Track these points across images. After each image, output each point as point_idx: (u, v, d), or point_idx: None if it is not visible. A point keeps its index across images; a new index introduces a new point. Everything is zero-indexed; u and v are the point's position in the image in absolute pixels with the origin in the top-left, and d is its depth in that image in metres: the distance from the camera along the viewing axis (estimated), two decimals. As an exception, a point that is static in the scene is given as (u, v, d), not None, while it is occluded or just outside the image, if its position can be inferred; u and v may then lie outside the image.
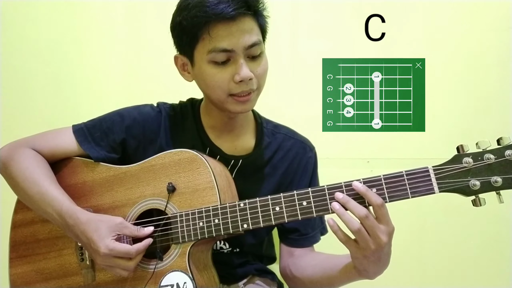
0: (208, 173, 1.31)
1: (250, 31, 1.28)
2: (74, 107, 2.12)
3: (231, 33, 1.26)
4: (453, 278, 2.09)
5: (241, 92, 1.32)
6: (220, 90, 1.32)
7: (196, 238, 1.28)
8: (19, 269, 1.44)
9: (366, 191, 1.13)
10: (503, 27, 2.06)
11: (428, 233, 2.09)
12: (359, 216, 1.12)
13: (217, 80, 1.31)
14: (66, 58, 2.14)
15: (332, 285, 1.40)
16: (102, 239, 1.26)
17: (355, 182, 1.16)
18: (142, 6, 2.11)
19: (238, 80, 1.29)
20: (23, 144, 1.45)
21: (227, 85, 1.31)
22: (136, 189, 1.37)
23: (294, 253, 1.54)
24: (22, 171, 1.39)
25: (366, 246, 1.13)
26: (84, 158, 1.46)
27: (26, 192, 1.38)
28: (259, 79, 1.34)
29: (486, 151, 1.11)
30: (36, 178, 1.38)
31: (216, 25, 1.25)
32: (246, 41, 1.27)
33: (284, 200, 1.22)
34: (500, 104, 2.06)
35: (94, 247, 1.26)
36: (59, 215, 1.32)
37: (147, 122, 1.47)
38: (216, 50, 1.27)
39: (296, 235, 1.52)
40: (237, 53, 1.28)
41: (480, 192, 1.11)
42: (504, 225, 2.04)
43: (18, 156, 1.41)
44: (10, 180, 1.42)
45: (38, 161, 1.42)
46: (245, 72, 1.28)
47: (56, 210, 1.33)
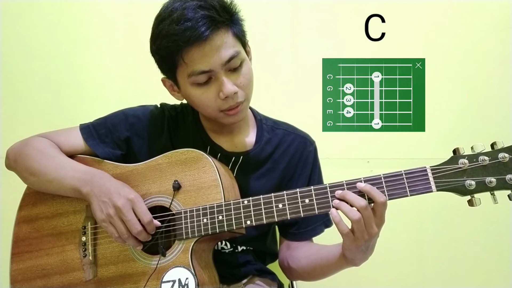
0: (214, 171, 1.32)
1: (224, 46, 1.27)
2: (74, 107, 2.13)
3: (205, 54, 1.26)
4: (453, 278, 2.09)
5: (229, 107, 1.33)
6: (209, 108, 1.35)
7: (200, 234, 1.29)
8: (20, 264, 1.44)
9: (370, 189, 1.17)
10: (503, 27, 2.07)
11: (428, 234, 2.10)
12: (359, 206, 1.15)
13: (203, 100, 1.33)
14: (66, 58, 2.14)
15: (324, 274, 1.45)
16: (128, 188, 1.30)
17: (359, 183, 1.19)
18: (142, 6, 2.11)
19: (223, 97, 1.30)
20: (33, 136, 1.49)
21: (214, 103, 1.33)
22: (142, 186, 1.38)
23: (291, 245, 1.56)
24: (40, 150, 1.41)
25: (360, 237, 1.17)
26: (91, 156, 1.47)
27: (45, 167, 1.38)
28: (245, 90, 1.34)
29: (481, 153, 1.15)
30: (55, 154, 1.41)
31: (189, 50, 1.25)
32: (222, 57, 1.27)
33: (287, 197, 1.25)
34: (500, 103, 2.07)
35: (118, 191, 1.28)
36: (84, 173, 1.35)
37: (151, 121, 1.50)
38: (194, 73, 1.28)
39: (295, 229, 1.54)
40: (216, 71, 1.28)
41: (475, 192, 1.15)
42: (504, 225, 2.05)
43: (33, 141, 1.45)
44: (26, 161, 1.42)
45: (53, 145, 1.45)
46: (228, 88, 1.29)
47: (81, 170, 1.36)
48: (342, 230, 1.18)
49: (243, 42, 1.37)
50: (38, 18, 2.15)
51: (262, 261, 1.60)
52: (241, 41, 1.35)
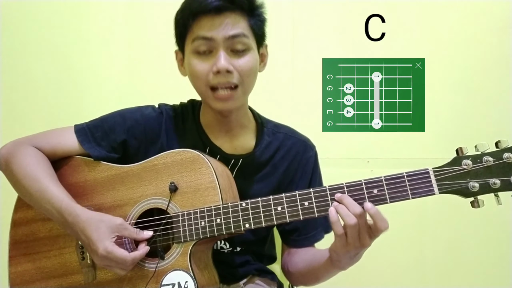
0: (210, 173, 1.31)
1: (233, 24, 1.31)
2: (75, 106, 2.13)
3: (213, 24, 1.30)
4: (453, 278, 2.09)
5: (218, 84, 1.33)
6: (200, 81, 1.35)
7: (198, 238, 1.28)
8: (19, 267, 1.43)
9: (374, 214, 1.15)
10: (503, 27, 2.07)
11: (428, 234, 2.10)
12: (354, 213, 1.15)
13: (197, 69, 1.34)
14: (66, 58, 2.14)
15: (317, 278, 1.45)
16: (101, 241, 1.26)
17: (367, 203, 1.16)
18: (143, 6, 2.11)
19: (215, 71, 1.31)
20: (25, 142, 1.45)
21: (206, 76, 1.34)
22: (138, 188, 1.37)
23: (291, 251, 1.56)
24: (23, 168, 1.39)
25: (352, 243, 1.17)
26: (85, 157, 1.46)
27: (26, 189, 1.38)
28: (242, 75, 1.35)
29: (484, 153, 1.13)
30: (37, 175, 1.38)
31: (201, 17, 1.31)
32: (227, 31, 1.31)
33: (286, 200, 1.23)
34: (500, 103, 2.07)
35: (93, 247, 1.26)
36: (59, 213, 1.32)
37: (149, 123, 1.48)
38: (197, 38, 1.32)
39: (295, 236, 1.53)
40: (217, 42, 1.31)
41: (479, 194, 1.13)
42: (504, 226, 2.05)
43: (20, 153, 1.42)
44: (11, 177, 1.42)
45: (39, 158, 1.42)
46: (222, 63, 1.31)
47: (55, 207, 1.33)
48: (337, 230, 1.17)
49: (258, 39, 1.39)
50: (38, 18, 2.15)
51: (260, 262, 1.60)
52: (256, 36, 1.38)
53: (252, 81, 1.39)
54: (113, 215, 1.35)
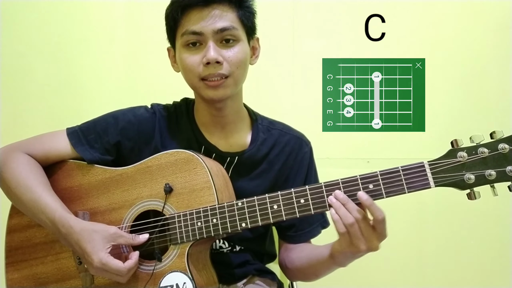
0: (205, 173, 1.30)
1: (222, 17, 1.33)
2: (75, 106, 2.14)
3: (201, 17, 1.32)
4: (453, 278, 2.10)
5: (208, 75, 1.34)
6: (191, 73, 1.36)
7: (195, 239, 1.27)
8: (15, 274, 1.42)
9: (370, 205, 1.14)
10: (503, 27, 2.07)
11: (428, 233, 2.10)
12: (356, 217, 1.14)
13: (188, 62, 1.35)
14: (66, 57, 2.16)
15: (315, 274, 1.45)
16: (96, 252, 1.25)
17: (360, 192, 1.16)
18: (142, 6, 2.13)
19: (205, 62, 1.32)
20: (17, 148, 1.44)
21: (197, 68, 1.34)
22: (133, 190, 1.36)
23: (289, 247, 1.55)
24: (16, 177, 1.38)
25: (357, 245, 1.16)
26: (78, 161, 1.45)
27: (19, 198, 1.37)
28: (231, 66, 1.35)
29: (480, 145, 1.12)
30: (29, 185, 1.37)
31: (189, 11, 1.33)
32: (216, 24, 1.32)
33: (282, 198, 1.22)
34: (499, 103, 2.08)
35: (88, 259, 1.26)
36: (52, 223, 1.31)
37: (142, 124, 1.47)
38: (187, 32, 1.33)
39: (292, 232, 1.52)
40: (206, 36, 1.32)
41: (475, 186, 1.11)
42: (504, 225, 2.04)
43: (11, 161, 1.40)
44: (4, 185, 1.41)
45: (32, 166, 1.41)
46: (211, 54, 1.31)
47: (49, 218, 1.32)
48: (340, 228, 1.16)
49: (248, 31, 1.40)
50: (38, 18, 2.16)
51: (260, 261, 1.59)
52: (246, 28, 1.39)
53: (243, 72, 1.39)
54: (109, 218, 1.35)
